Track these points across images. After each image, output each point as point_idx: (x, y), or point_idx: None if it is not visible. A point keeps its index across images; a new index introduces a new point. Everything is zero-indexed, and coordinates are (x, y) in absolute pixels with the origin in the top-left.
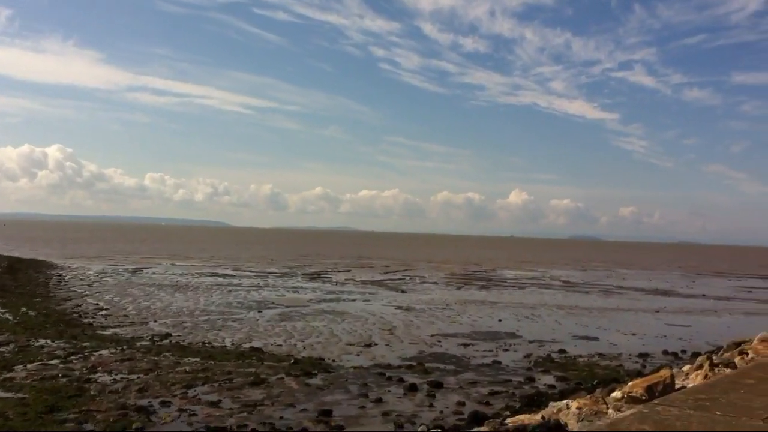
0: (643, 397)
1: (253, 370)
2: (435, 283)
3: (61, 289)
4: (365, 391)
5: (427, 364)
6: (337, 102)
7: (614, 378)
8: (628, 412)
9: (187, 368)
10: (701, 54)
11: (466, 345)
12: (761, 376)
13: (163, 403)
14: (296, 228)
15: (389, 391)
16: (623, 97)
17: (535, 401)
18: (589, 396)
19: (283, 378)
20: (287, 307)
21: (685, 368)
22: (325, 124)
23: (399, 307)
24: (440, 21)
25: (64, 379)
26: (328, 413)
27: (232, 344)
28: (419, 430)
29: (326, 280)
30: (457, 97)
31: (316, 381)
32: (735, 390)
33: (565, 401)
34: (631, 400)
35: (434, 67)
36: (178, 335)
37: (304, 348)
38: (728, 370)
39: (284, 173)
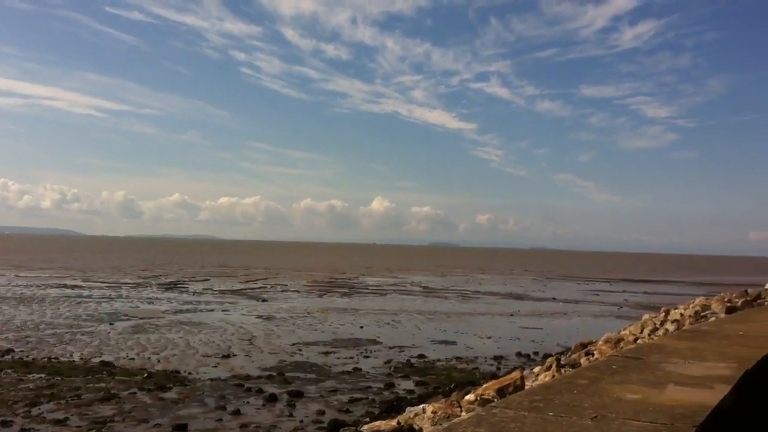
0: (495, 399)
1: (103, 385)
2: (297, 291)
3: None
4: (223, 403)
5: (287, 374)
6: (196, 106)
7: (470, 381)
8: (466, 416)
9: (31, 385)
10: (552, 67)
11: (327, 353)
12: (594, 377)
13: (4, 423)
14: (151, 236)
15: (248, 402)
16: (480, 107)
17: (394, 407)
18: (444, 400)
19: (135, 393)
20: (141, 318)
21: (536, 369)
22: (183, 128)
23: (259, 317)
24: (302, 26)
25: None
26: (182, 428)
27: (81, 359)
28: None
29: (183, 290)
30: (319, 104)
31: (170, 395)
32: (569, 391)
33: (421, 406)
34: (483, 402)
35: (296, 72)
36: (21, 351)
37: (159, 361)
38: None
39: (139, 179)
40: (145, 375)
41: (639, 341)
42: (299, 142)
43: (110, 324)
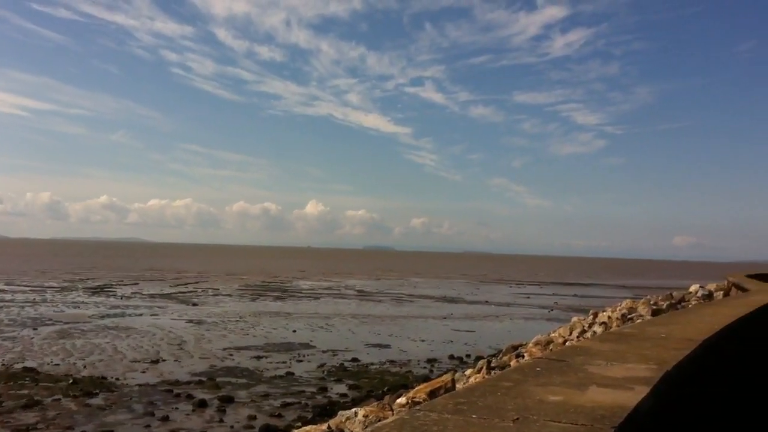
0: (426, 402)
1: (26, 392)
2: (228, 295)
3: None
4: (151, 409)
5: (218, 379)
6: (126, 106)
7: (403, 384)
8: (390, 419)
9: None
10: (486, 73)
11: (259, 357)
12: (518, 378)
13: None
14: (78, 239)
15: (177, 408)
16: (415, 111)
17: (327, 411)
18: (377, 403)
19: (60, 399)
20: (66, 323)
21: (468, 372)
22: (112, 129)
23: (189, 321)
24: (235, 28)
25: None
26: None
27: (3, 365)
28: None
29: (110, 293)
30: (253, 106)
31: (97, 401)
32: (493, 393)
33: (354, 409)
34: (414, 405)
35: (229, 74)
36: None
37: (85, 366)
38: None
39: (65, 180)
40: (71, 381)
41: (568, 343)
42: (232, 144)
43: (34, 329)
